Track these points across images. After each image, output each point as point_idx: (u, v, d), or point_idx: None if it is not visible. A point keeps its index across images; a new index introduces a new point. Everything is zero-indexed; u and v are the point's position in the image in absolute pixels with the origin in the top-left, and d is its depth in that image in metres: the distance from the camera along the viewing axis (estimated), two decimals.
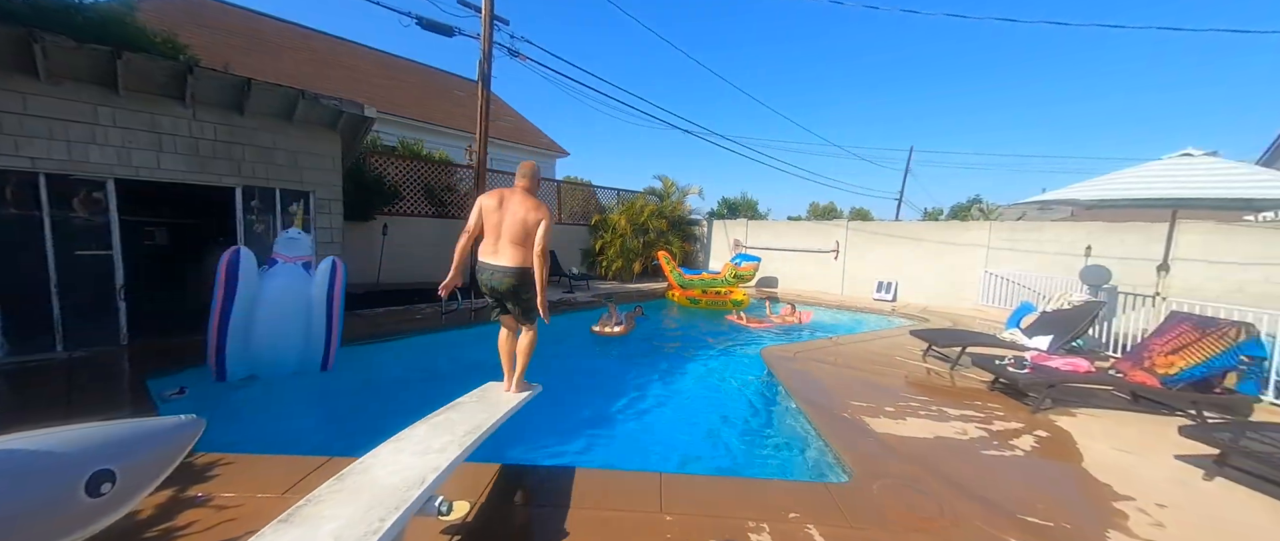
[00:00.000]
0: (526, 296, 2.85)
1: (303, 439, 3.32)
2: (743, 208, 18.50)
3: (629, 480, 2.51)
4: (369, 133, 7.05)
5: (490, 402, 2.71)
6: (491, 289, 2.89)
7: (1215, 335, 3.63)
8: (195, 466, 2.43)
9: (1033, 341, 5.22)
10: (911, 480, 2.59)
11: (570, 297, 9.01)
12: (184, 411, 1.53)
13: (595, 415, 4.06)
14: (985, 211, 18.05)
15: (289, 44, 12.78)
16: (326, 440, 3.31)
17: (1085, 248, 8.19)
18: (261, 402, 3.79)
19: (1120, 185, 4.47)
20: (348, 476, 1.78)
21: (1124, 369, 4.08)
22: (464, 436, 2.17)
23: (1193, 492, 2.61)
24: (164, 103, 4.74)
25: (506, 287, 2.82)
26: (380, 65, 15.04)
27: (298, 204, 5.80)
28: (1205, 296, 6.82)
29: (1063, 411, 3.79)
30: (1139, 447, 3.16)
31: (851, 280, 11.14)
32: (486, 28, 8.06)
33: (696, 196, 13.08)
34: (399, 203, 8.95)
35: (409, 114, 12.67)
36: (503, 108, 16.74)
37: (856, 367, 4.89)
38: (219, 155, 5.11)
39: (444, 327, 6.38)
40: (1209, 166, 4.26)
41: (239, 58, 9.77)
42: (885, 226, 11.34)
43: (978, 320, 7.84)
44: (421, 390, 3.84)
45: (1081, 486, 2.66)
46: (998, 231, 9.36)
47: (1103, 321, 5.83)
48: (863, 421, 3.41)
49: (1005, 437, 3.25)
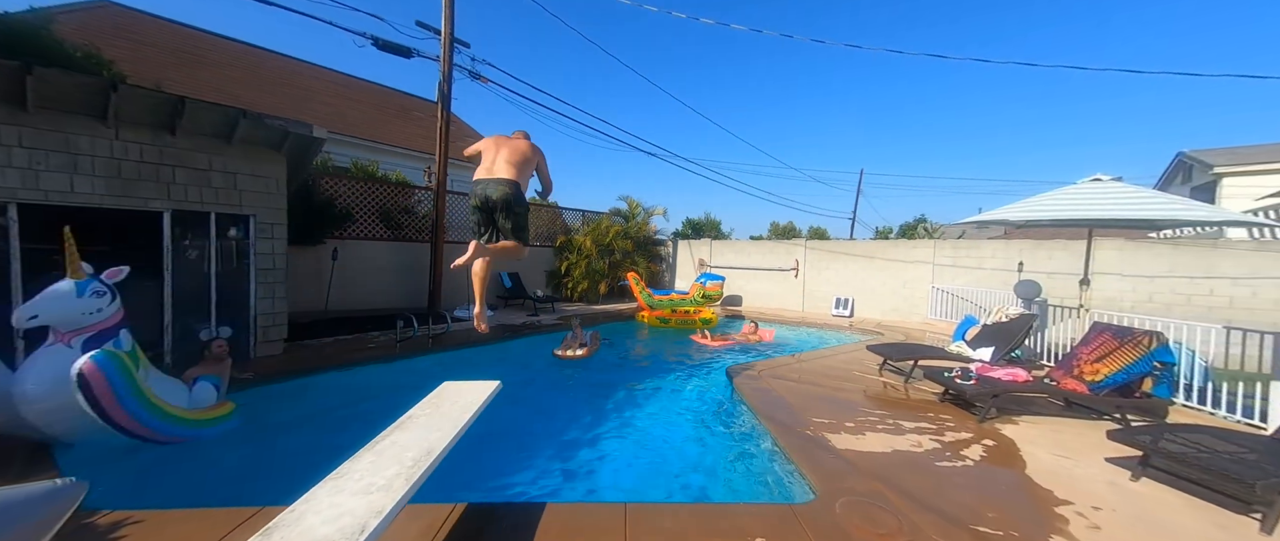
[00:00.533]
0: (519, 210, 3.22)
1: (225, 489, 3.01)
2: (707, 228, 18.88)
3: (593, 513, 2.42)
4: (319, 154, 6.75)
5: (444, 414, 2.54)
6: (485, 198, 3.18)
7: (1131, 344, 3.97)
8: (97, 528, 2.14)
9: (977, 353, 5.53)
10: (872, 496, 2.63)
11: (535, 321, 8.81)
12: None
13: (557, 442, 3.93)
14: (929, 230, 19.23)
15: (225, 59, 12.15)
16: (256, 488, 3.00)
17: (1018, 263, 8.86)
18: (175, 451, 3.32)
19: (1043, 207, 4.89)
20: (275, 530, 1.61)
21: (1057, 377, 4.38)
22: (413, 465, 2.02)
23: (1123, 493, 2.79)
24: (82, 121, 4.36)
25: (501, 197, 3.13)
26: (334, 84, 14.55)
27: (237, 229, 5.42)
28: (1121, 307, 7.52)
29: (1006, 419, 4.00)
30: (1074, 452, 3.37)
31: (811, 297, 11.52)
32: (446, 50, 7.99)
33: (661, 217, 13.28)
34: (351, 225, 8.56)
35: (364, 134, 12.27)
36: (464, 129, 16.51)
37: (818, 383, 5.00)
38: (145, 177, 4.72)
39: (400, 356, 6.06)
40: (1116, 190, 4.73)
41: (172, 73, 9.20)
42: (841, 245, 11.86)
43: (928, 333, 8.25)
44: (373, 421, 3.59)
45: (1026, 493, 2.80)
46: (942, 249, 9.98)
47: (1036, 332, 6.26)
48: (825, 437, 3.46)
49: (956, 448, 3.39)
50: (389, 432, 2.38)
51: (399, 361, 5.97)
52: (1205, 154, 12.43)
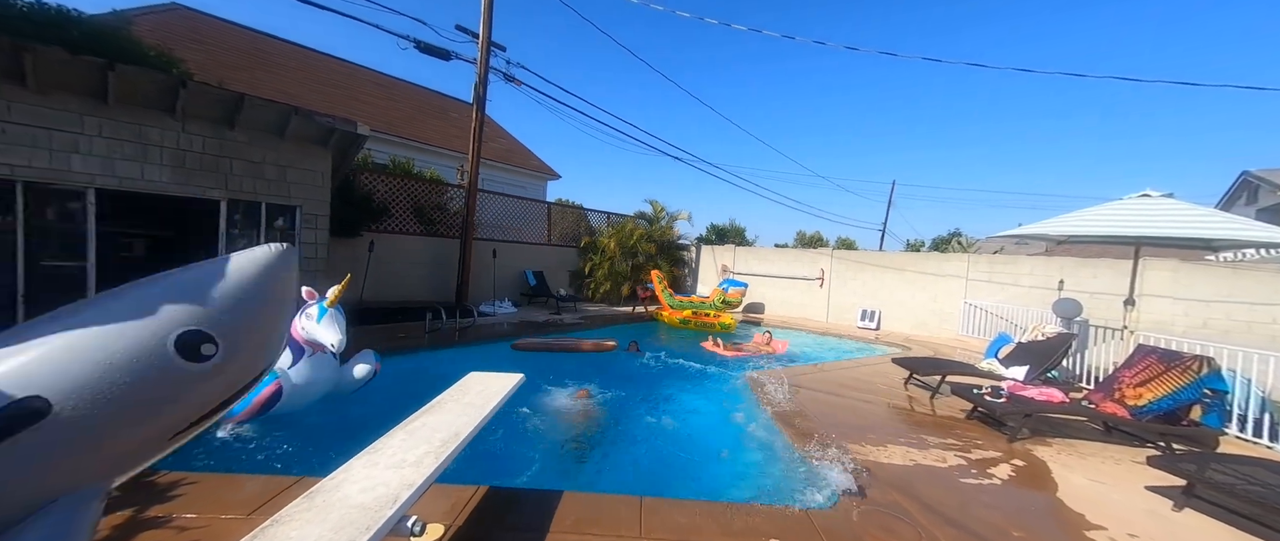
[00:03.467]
0: None
1: (268, 459, 3.20)
2: (731, 234, 18.78)
3: (609, 504, 2.47)
4: (361, 150, 7.09)
5: (470, 402, 2.65)
6: None
7: (1179, 368, 3.76)
8: (157, 485, 2.34)
9: (1010, 371, 5.33)
10: (891, 506, 2.59)
11: (557, 319, 8.96)
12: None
13: (574, 441, 4.01)
14: (964, 244, 18.58)
15: (285, 62, 12.91)
16: (295, 459, 3.19)
17: (1058, 281, 8.47)
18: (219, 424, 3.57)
19: (1087, 222, 4.69)
20: (317, 494, 1.73)
21: (1096, 400, 4.18)
22: (441, 446, 2.12)
23: (1163, 523, 2.66)
24: (153, 114, 4.74)
25: None
26: (377, 85, 15.22)
27: (284, 219, 5.76)
28: (1172, 331, 7.09)
29: (1039, 441, 3.85)
30: (1111, 478, 3.22)
31: (836, 308, 11.30)
32: (483, 53, 8.27)
33: (685, 222, 13.29)
34: (387, 220, 8.92)
35: (402, 133, 12.78)
36: (496, 130, 16.97)
37: (840, 394, 4.92)
38: (206, 167, 5.08)
39: (428, 346, 6.29)
40: (1166, 207, 4.50)
41: (233, 73, 9.83)
42: (869, 256, 11.60)
43: (958, 349, 7.97)
44: (403, 405, 3.74)
45: (1056, 515, 2.69)
46: (976, 264, 9.64)
47: (1075, 353, 5.98)
48: (845, 447, 3.42)
49: (983, 466, 3.29)
50: (419, 415, 2.50)
51: (427, 351, 6.19)
52: (1274, 173, 11.60)
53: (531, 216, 11.95)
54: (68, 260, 4.43)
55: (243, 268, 1.02)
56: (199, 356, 0.88)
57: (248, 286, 1.00)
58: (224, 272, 1.00)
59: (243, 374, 0.98)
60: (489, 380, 3.17)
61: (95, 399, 0.79)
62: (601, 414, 4.55)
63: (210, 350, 0.90)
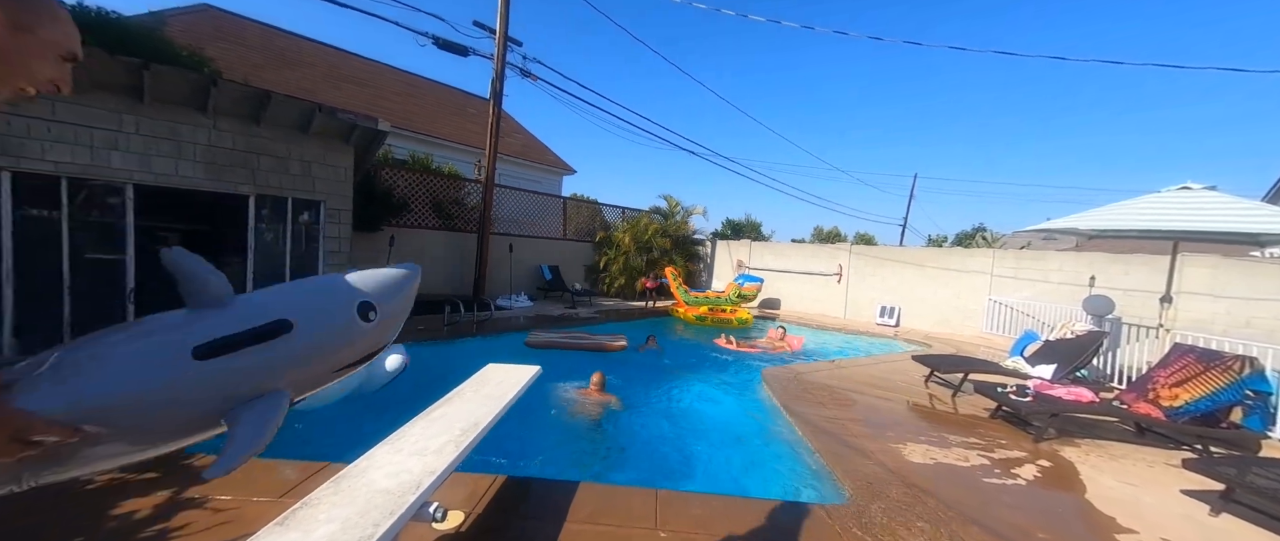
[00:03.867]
0: None
1: (295, 444, 3.32)
2: (747, 229, 18.62)
3: (626, 496, 2.49)
4: (381, 146, 7.23)
5: (488, 394, 2.70)
6: None
7: (1219, 368, 3.60)
8: (191, 468, 2.44)
9: (1036, 370, 5.17)
10: (910, 504, 2.56)
11: (572, 313, 9.03)
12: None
13: (594, 431, 4.04)
14: (989, 239, 18.06)
15: (308, 59, 13.21)
16: (321, 446, 3.30)
17: (1089, 277, 8.17)
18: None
19: (1121, 216, 4.51)
20: (343, 479, 1.79)
21: (1128, 400, 4.04)
22: (461, 435, 2.17)
23: (1199, 528, 2.56)
24: (186, 112, 4.91)
25: None
26: (397, 81, 15.47)
27: (308, 213, 5.92)
28: (1212, 330, 6.78)
29: (1066, 441, 3.74)
30: (1144, 480, 3.11)
31: (854, 304, 11.12)
32: (500, 48, 8.33)
33: (701, 216, 13.21)
34: (406, 215, 9.09)
35: (421, 129, 12.97)
36: (513, 125, 17.10)
37: (858, 391, 4.85)
38: (236, 163, 5.25)
39: (446, 338, 6.41)
40: (1208, 200, 4.30)
41: (259, 72, 10.10)
42: (889, 251, 11.37)
43: (981, 347, 7.78)
44: (423, 395, 3.83)
45: (1084, 517, 2.62)
46: (1002, 259, 9.36)
47: (1106, 352, 5.78)
48: (863, 445, 3.38)
49: (1007, 466, 3.21)
50: (439, 405, 2.55)
51: (445, 344, 6.31)
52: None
53: (547, 211, 12.04)
54: (108, 253, 4.63)
55: (394, 272, 1.55)
56: (367, 318, 1.33)
57: (394, 282, 1.52)
58: (386, 273, 1.52)
59: (383, 338, 1.44)
60: (507, 372, 3.22)
61: (315, 331, 1.21)
62: (613, 408, 4.57)
63: (373, 316, 1.34)
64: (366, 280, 1.43)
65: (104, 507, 2.10)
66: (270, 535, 1.47)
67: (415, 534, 2.02)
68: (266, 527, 1.49)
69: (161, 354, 0.99)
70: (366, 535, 1.50)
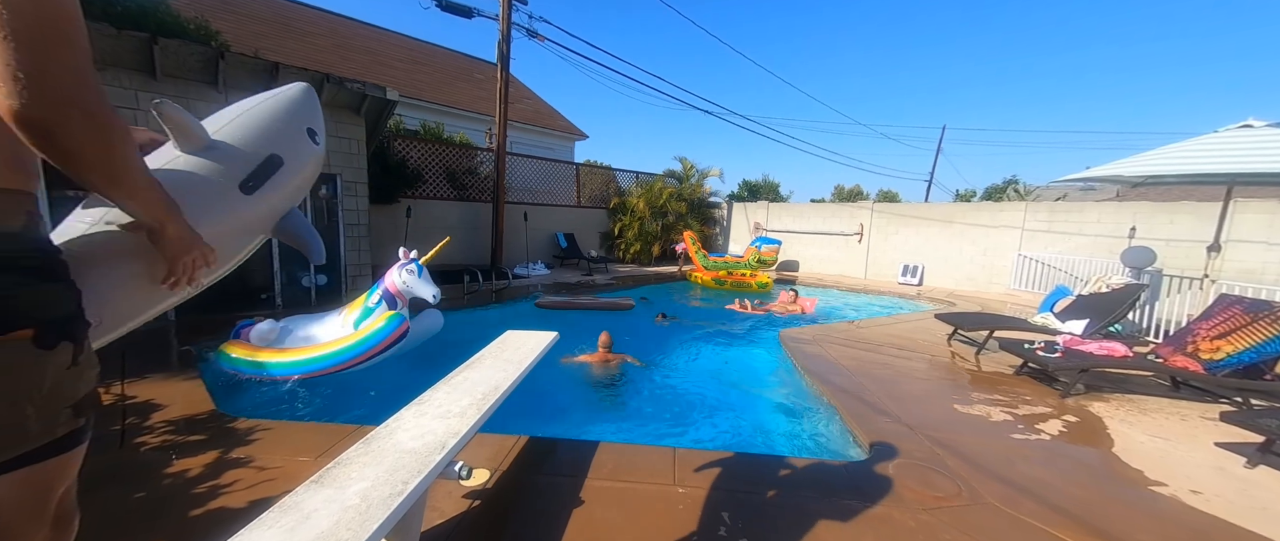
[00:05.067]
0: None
1: (325, 409, 3.49)
2: (764, 190, 18.17)
3: (645, 454, 2.56)
4: (392, 116, 7.17)
5: (508, 358, 2.76)
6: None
7: (1269, 319, 3.41)
8: (237, 430, 2.59)
9: (1066, 326, 5.01)
10: (930, 460, 2.55)
11: (589, 280, 9.09)
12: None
13: (611, 394, 4.13)
14: (1021, 193, 17.24)
15: (313, 29, 13.01)
16: (350, 410, 3.46)
17: (1130, 229, 7.76)
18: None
19: (1170, 160, 4.20)
20: (373, 441, 1.86)
21: (1165, 354, 3.89)
22: (482, 399, 2.23)
23: (1232, 478, 2.50)
24: (198, 87, 4.91)
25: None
26: (402, 48, 15.18)
27: (326, 187, 5.98)
28: (1263, 280, 6.41)
29: (1095, 396, 3.65)
30: (1176, 434, 3.03)
31: (875, 264, 10.88)
32: (505, 7, 8.02)
33: (716, 178, 12.91)
34: (422, 186, 9.13)
35: (430, 97, 12.81)
36: (522, 90, 16.73)
37: (878, 350, 4.80)
38: None
39: (466, 307, 6.55)
40: (1271, 138, 3.95)
41: (265, 42, 10.01)
42: (913, 208, 10.97)
43: (1008, 304, 7.57)
44: (446, 361, 3.94)
45: (1110, 471, 2.58)
46: (1034, 212, 8.94)
47: (1144, 305, 5.55)
48: (881, 403, 3.36)
49: (1031, 422, 3.16)
50: (461, 370, 2.62)
51: (465, 311, 6.45)
52: None
53: (560, 178, 11.93)
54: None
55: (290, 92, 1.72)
56: (315, 140, 1.67)
57: (308, 99, 1.75)
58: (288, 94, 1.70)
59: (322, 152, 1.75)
60: (525, 338, 3.27)
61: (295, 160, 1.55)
62: (627, 367, 4.63)
63: (318, 137, 1.70)
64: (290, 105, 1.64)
65: (160, 467, 2.26)
66: (307, 491, 1.55)
67: (444, 489, 2.11)
68: (304, 484, 1.57)
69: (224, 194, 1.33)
70: (396, 491, 1.57)
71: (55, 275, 0.77)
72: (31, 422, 0.70)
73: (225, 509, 1.98)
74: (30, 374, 0.69)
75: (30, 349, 0.69)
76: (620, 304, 7.31)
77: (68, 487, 0.82)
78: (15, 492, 0.72)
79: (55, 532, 0.81)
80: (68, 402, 0.75)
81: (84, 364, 0.78)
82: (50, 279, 0.75)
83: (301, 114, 1.64)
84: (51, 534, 0.80)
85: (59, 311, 0.75)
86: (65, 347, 0.74)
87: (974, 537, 1.95)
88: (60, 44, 0.66)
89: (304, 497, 1.52)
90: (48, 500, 0.78)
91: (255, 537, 1.23)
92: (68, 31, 0.67)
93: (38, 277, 0.73)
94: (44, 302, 0.73)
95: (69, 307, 0.77)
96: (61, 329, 0.74)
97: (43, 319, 0.71)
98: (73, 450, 0.78)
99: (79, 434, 0.78)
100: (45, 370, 0.71)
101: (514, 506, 2.12)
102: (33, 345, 0.69)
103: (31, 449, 0.71)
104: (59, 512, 0.81)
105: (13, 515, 0.72)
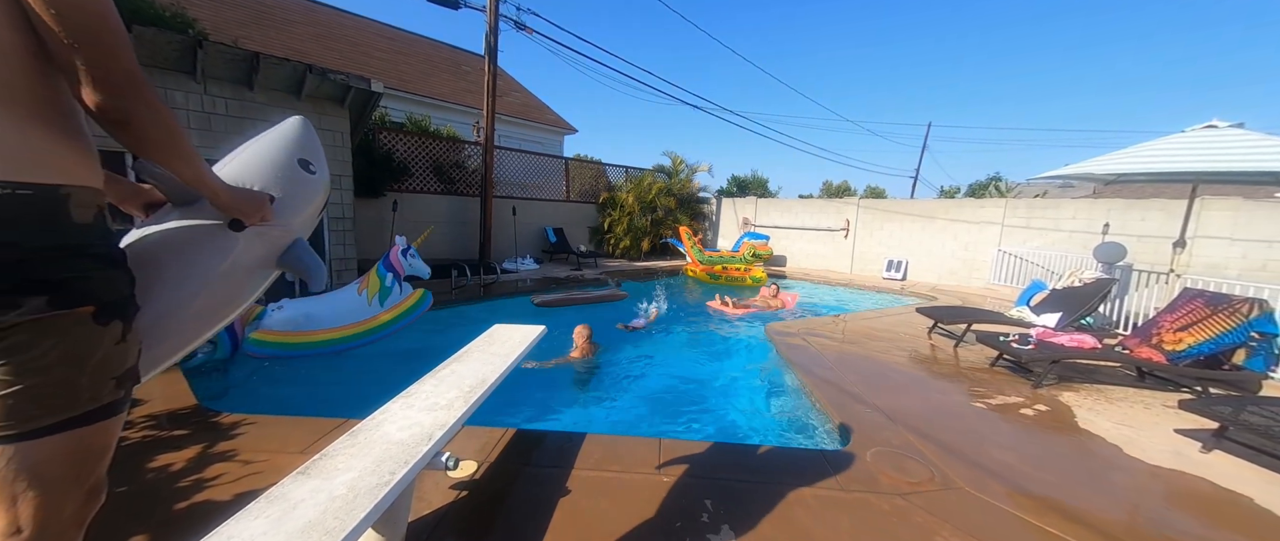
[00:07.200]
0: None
1: (313, 402, 3.48)
2: (753, 186, 18.29)
3: (630, 444, 2.60)
4: (376, 108, 7.07)
5: (495, 352, 2.78)
6: None
7: (1227, 311, 3.58)
8: (221, 425, 2.58)
9: (1041, 318, 5.18)
10: (906, 447, 2.65)
11: (578, 275, 9.10)
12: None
13: (597, 387, 4.17)
14: (1002, 189, 17.62)
15: (293, 17, 12.71)
16: (337, 404, 3.44)
17: (1104, 225, 8.00)
18: (273, 373, 3.92)
19: (1139, 159, 4.35)
20: (360, 433, 1.88)
21: (1131, 345, 4.05)
22: (470, 391, 2.25)
23: (1187, 463, 2.63)
24: (176, 78, 4.80)
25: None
26: (385, 39, 14.91)
27: None
28: (1226, 275, 6.68)
29: (1065, 387, 3.79)
30: (1139, 422, 3.17)
31: (861, 259, 11.06)
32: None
33: (706, 174, 12.97)
34: (408, 179, 9.02)
35: (416, 89, 12.62)
36: (510, 83, 16.56)
37: (859, 343, 4.92)
38: (231, 130, 5.18)
39: (454, 302, 6.52)
40: (1235, 139, 4.11)
41: (245, 32, 9.76)
42: (898, 204, 11.16)
43: (988, 298, 7.77)
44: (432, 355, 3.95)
45: (1075, 455, 2.70)
46: (1014, 209, 9.16)
47: (1114, 299, 5.75)
48: (861, 394, 3.46)
49: (1004, 411, 3.29)
50: (448, 364, 2.63)
51: (453, 306, 6.42)
52: None
53: (549, 172, 11.87)
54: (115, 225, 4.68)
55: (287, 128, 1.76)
56: (310, 171, 1.66)
57: (304, 134, 1.78)
58: (283, 131, 1.74)
59: (325, 178, 1.77)
60: (512, 331, 3.29)
61: (292, 195, 1.55)
62: (606, 363, 4.66)
63: (313, 167, 1.68)
64: (281, 141, 1.68)
65: (142, 460, 2.25)
66: (294, 482, 1.57)
67: (431, 480, 2.14)
68: (290, 476, 1.59)
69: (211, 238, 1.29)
70: (383, 481, 1.59)
71: (117, 262, 0.88)
72: (83, 388, 0.80)
73: (210, 501, 1.99)
74: (88, 344, 0.79)
75: (90, 323, 0.79)
76: (615, 295, 7.49)
77: (104, 458, 0.89)
78: (62, 452, 0.80)
79: (87, 501, 0.87)
80: (113, 374, 0.85)
81: (130, 341, 0.88)
82: (113, 265, 0.87)
83: (292, 148, 1.66)
84: (85, 500, 0.86)
85: (117, 293, 0.86)
86: (116, 325, 0.84)
87: (944, 519, 2.04)
88: (122, 47, 0.78)
89: (291, 488, 1.53)
90: (87, 464, 0.85)
91: (242, 528, 1.25)
92: (123, 35, 0.79)
93: (106, 264, 0.85)
94: (107, 285, 0.84)
95: (124, 291, 0.89)
96: (116, 308, 0.85)
97: (103, 299, 0.82)
98: (113, 417, 0.87)
99: (119, 404, 0.87)
100: (100, 342, 0.81)
101: (501, 496, 2.15)
102: (92, 320, 0.80)
103: (79, 413, 0.80)
104: (93, 483, 0.87)
105: (58, 474, 0.80)
